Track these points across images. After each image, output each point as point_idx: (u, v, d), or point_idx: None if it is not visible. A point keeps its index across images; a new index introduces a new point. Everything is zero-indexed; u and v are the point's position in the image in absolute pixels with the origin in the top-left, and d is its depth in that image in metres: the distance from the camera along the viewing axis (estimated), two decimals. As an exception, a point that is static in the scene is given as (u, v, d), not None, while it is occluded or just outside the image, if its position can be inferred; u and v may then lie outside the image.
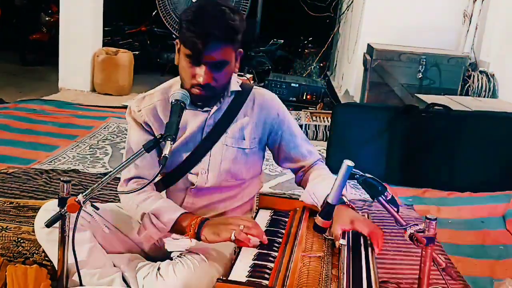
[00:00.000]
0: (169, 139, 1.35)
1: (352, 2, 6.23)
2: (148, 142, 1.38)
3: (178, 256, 1.56)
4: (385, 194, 1.32)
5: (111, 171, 2.79)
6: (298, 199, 1.70)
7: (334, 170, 1.69)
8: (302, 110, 4.77)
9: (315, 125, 4.15)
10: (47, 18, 8.14)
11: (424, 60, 4.12)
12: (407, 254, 2.03)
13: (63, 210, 1.36)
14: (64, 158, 3.14)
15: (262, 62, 7.48)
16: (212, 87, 1.48)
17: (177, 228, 1.50)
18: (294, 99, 5.09)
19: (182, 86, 1.54)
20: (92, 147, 3.41)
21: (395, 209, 1.33)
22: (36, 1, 9.82)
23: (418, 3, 4.67)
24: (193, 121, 1.59)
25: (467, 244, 2.29)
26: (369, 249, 1.39)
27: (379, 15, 4.70)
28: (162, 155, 1.32)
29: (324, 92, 5.21)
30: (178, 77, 1.58)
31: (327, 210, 1.35)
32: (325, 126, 4.13)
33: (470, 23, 4.51)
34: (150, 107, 1.62)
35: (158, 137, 1.38)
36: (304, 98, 5.07)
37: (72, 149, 3.34)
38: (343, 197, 1.48)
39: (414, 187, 3.02)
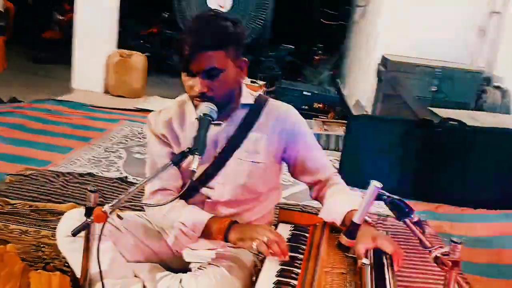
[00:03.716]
0: (197, 153, 1.36)
1: (365, 11, 6.23)
2: (176, 156, 1.39)
3: (199, 268, 1.56)
4: (412, 216, 1.32)
5: (137, 182, 2.81)
6: (316, 214, 1.70)
7: (347, 182, 1.70)
8: (313, 118, 4.77)
9: (327, 135, 4.15)
10: (59, 17, 8.20)
11: (439, 73, 4.12)
12: (423, 271, 2.03)
13: (89, 220, 1.37)
14: (79, 160, 3.16)
15: (271, 67, 7.49)
16: (209, 96, 1.46)
17: (206, 233, 1.52)
18: (306, 107, 5.09)
19: None
20: (107, 150, 3.43)
21: (421, 231, 1.33)
22: (48, -1, 9.87)
23: (434, 16, 4.66)
24: None
25: (482, 263, 2.29)
26: (390, 269, 1.39)
27: (395, 27, 4.70)
28: (191, 169, 1.33)
29: (336, 101, 5.21)
30: None
31: (352, 229, 1.35)
32: (337, 136, 4.13)
33: (485, 37, 4.50)
34: (166, 120, 1.63)
35: (186, 150, 1.39)
36: (316, 106, 5.08)
37: (87, 151, 3.36)
38: (366, 216, 1.48)
39: (427, 201, 3.02)
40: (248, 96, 1.63)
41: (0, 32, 6.54)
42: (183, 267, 1.67)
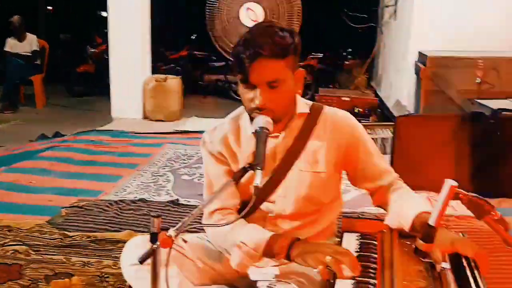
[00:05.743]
0: (258, 168, 1.32)
1: (395, 11, 6.13)
2: (236, 172, 1.36)
3: (268, 286, 1.51)
4: (493, 213, 1.25)
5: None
6: (378, 220, 1.63)
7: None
8: (355, 123, 4.68)
9: (372, 139, 4.05)
10: (92, 50, 8.46)
11: (482, 64, 3.98)
12: (502, 271, 1.92)
13: (155, 246, 1.35)
14: (129, 187, 3.19)
15: (301, 76, 7.45)
16: (271, 109, 1.43)
17: (268, 252, 1.47)
18: (346, 113, 5.01)
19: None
20: (154, 175, 3.46)
21: (505, 229, 1.24)
22: (80, 34, 10.23)
23: (468, 5, 4.53)
24: None
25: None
26: (476, 272, 1.31)
27: (429, 22, 4.59)
28: (255, 184, 1.29)
29: (375, 104, 5.12)
30: None
31: (429, 233, 1.28)
32: (382, 138, 4.04)
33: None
34: (221, 137, 1.61)
35: (246, 166, 1.35)
36: (356, 111, 5.00)
37: (135, 178, 3.39)
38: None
39: (487, 197, 2.88)
40: (303, 105, 1.59)
41: (37, 70, 6.78)
42: (250, 286, 1.63)
